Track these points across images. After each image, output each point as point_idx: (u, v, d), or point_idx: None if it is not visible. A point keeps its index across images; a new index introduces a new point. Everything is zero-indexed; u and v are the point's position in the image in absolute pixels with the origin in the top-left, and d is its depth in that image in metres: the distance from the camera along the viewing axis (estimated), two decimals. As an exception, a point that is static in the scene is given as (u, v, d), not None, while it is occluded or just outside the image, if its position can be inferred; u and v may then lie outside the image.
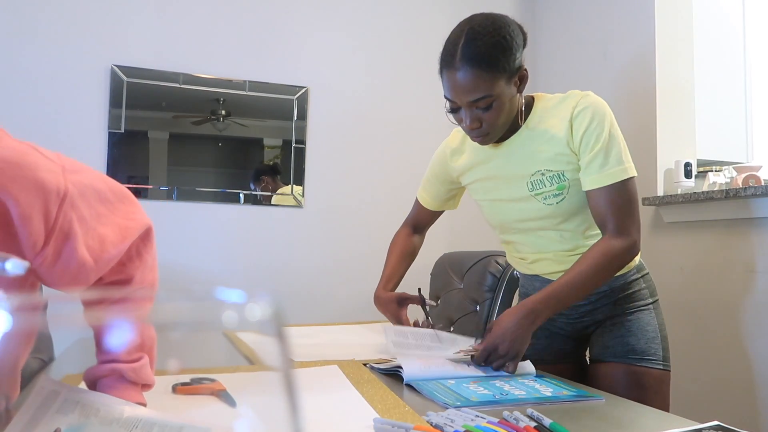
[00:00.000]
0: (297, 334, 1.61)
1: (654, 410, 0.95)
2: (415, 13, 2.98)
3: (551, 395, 0.99)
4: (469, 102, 1.17)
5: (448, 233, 2.92)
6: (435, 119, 2.99)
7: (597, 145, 1.19)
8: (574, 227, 1.28)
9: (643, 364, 1.27)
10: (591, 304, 1.33)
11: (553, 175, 1.23)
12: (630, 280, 1.32)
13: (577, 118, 1.21)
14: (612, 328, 1.32)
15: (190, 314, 0.22)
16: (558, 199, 1.24)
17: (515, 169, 1.27)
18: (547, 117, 1.25)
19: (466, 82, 1.15)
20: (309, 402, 0.90)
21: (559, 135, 1.22)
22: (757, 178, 2.25)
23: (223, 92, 2.68)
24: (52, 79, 2.45)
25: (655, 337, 1.30)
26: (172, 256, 2.58)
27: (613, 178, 1.19)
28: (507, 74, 1.17)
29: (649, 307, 1.33)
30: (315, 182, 2.79)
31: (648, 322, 1.31)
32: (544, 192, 1.25)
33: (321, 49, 2.82)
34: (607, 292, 1.32)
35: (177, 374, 0.21)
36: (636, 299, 1.32)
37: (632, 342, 1.29)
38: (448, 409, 0.86)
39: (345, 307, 2.71)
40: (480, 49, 1.15)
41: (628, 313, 1.32)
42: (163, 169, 2.60)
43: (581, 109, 1.20)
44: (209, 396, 0.77)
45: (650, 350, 1.28)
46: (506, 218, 1.37)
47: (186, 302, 0.23)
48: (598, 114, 1.20)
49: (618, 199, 1.19)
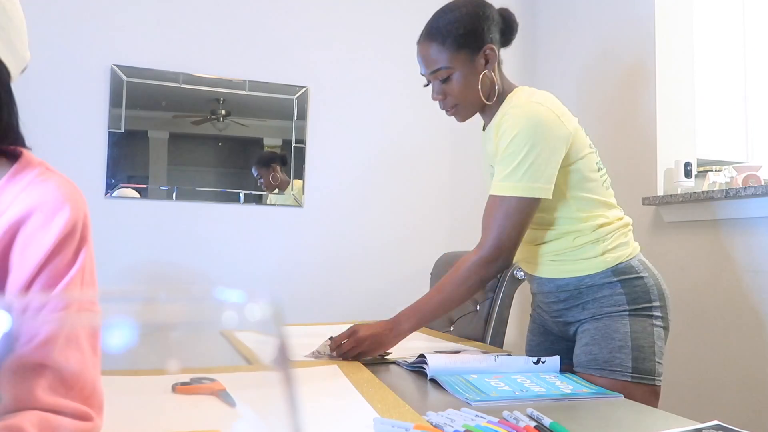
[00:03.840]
0: (297, 333, 1.61)
1: (654, 410, 0.95)
2: (415, 13, 2.98)
3: (571, 392, 1.00)
4: (428, 73, 1.27)
5: (448, 233, 2.92)
6: (435, 119, 2.99)
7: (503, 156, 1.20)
8: (538, 221, 1.27)
9: (605, 375, 1.17)
10: (563, 302, 1.29)
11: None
12: (600, 283, 1.23)
13: (500, 126, 1.23)
14: (581, 335, 1.25)
15: (190, 314, 0.22)
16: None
17: (485, 157, 1.35)
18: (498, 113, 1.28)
19: (425, 54, 1.28)
20: (309, 402, 0.90)
21: (493, 131, 1.26)
22: (757, 177, 2.25)
23: (223, 92, 2.68)
24: (52, 78, 2.45)
25: (623, 347, 1.18)
26: (172, 256, 2.58)
27: (497, 191, 1.21)
28: (468, 50, 1.23)
29: (623, 314, 1.20)
30: (315, 182, 2.79)
31: (616, 329, 1.19)
32: None
33: (321, 49, 2.82)
34: (573, 291, 1.26)
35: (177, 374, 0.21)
36: (606, 304, 1.22)
37: (595, 351, 1.20)
38: (448, 409, 0.86)
39: (345, 307, 2.71)
40: (440, 23, 1.26)
41: (595, 319, 1.23)
42: (163, 169, 2.60)
43: (506, 118, 1.22)
44: (209, 396, 0.77)
45: (614, 360, 1.18)
46: None
47: (186, 302, 0.23)
48: (515, 128, 1.19)
49: (493, 211, 1.21)
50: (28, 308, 0.22)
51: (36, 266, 0.67)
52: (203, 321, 0.22)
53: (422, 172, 2.94)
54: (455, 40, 1.24)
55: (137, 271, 2.51)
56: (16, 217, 0.67)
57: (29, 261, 0.67)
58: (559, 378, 1.10)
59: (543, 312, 1.38)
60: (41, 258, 0.67)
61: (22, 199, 0.68)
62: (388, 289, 2.79)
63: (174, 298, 0.23)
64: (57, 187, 0.70)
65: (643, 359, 1.18)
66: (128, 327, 0.21)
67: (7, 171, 0.71)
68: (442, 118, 3.19)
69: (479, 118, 1.40)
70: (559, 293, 1.29)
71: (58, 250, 0.68)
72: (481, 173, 3.03)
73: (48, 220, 0.68)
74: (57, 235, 0.68)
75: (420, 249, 2.83)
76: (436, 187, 2.96)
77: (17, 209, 0.68)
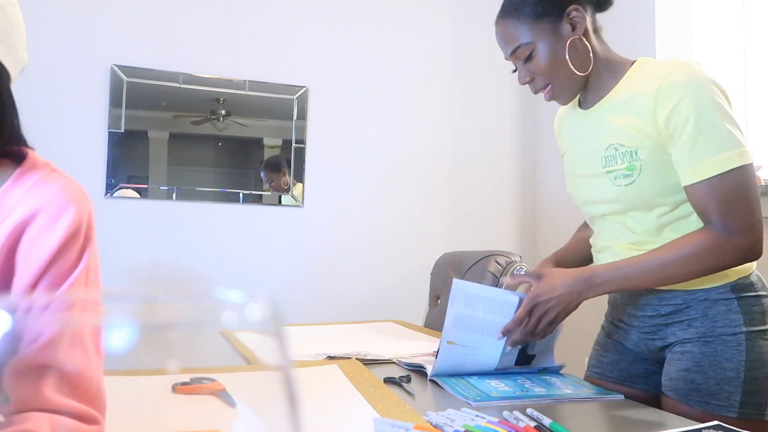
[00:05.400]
0: (297, 333, 1.61)
1: (654, 410, 0.95)
2: (415, 13, 2.98)
3: (572, 393, 1.00)
4: (509, 54, 1.12)
5: (448, 233, 2.92)
6: (435, 119, 2.99)
7: (688, 132, 0.98)
8: (644, 220, 1.07)
9: (708, 410, 1.00)
10: (663, 317, 1.09)
11: (626, 152, 1.05)
12: (715, 299, 1.04)
13: (664, 93, 1.00)
14: (680, 357, 1.06)
15: (190, 314, 0.22)
16: (627, 180, 1.05)
17: (593, 138, 1.12)
18: (635, 83, 1.07)
19: (502, 33, 1.12)
20: (309, 402, 0.90)
21: (641, 107, 1.04)
22: (757, 177, 2.25)
23: (223, 92, 2.68)
24: (52, 78, 2.45)
25: (733, 378, 1.00)
26: (172, 256, 2.58)
27: (713, 170, 0.97)
28: (549, 18, 1.07)
29: (738, 337, 1.02)
30: (315, 182, 2.79)
31: (728, 358, 1.01)
32: (615, 170, 1.07)
33: (321, 49, 2.82)
34: (681, 306, 1.07)
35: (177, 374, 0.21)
36: (720, 324, 1.03)
37: (699, 380, 1.02)
38: (448, 409, 0.86)
39: (345, 306, 2.71)
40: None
41: (703, 342, 1.04)
42: (163, 169, 2.60)
43: (671, 84, 1.00)
44: (209, 396, 0.77)
45: (721, 393, 1.00)
46: (580, 196, 1.20)
47: (186, 302, 0.23)
48: (690, 91, 0.98)
49: (722, 191, 0.97)
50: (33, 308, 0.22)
51: (41, 267, 0.68)
52: (203, 321, 0.22)
53: (422, 172, 2.94)
54: (532, 9, 1.08)
55: (137, 271, 2.51)
56: (21, 218, 0.68)
57: (34, 262, 0.68)
58: (560, 379, 1.10)
59: (628, 326, 1.16)
60: (46, 259, 0.68)
61: (27, 200, 0.69)
62: (388, 289, 2.79)
63: (174, 298, 0.23)
64: (62, 188, 0.71)
65: (755, 392, 1.00)
66: (128, 327, 0.21)
67: (13, 172, 0.71)
68: (442, 117, 3.18)
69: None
70: (660, 306, 1.09)
71: (63, 250, 0.69)
72: (480, 173, 3.04)
73: (53, 221, 0.68)
74: (62, 236, 0.68)
75: (420, 249, 2.83)
76: (436, 187, 2.96)
77: (23, 210, 0.68)
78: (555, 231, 2.78)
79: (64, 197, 0.70)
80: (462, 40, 3.03)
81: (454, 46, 3.02)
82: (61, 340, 0.32)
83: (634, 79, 1.08)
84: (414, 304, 2.53)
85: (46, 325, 0.22)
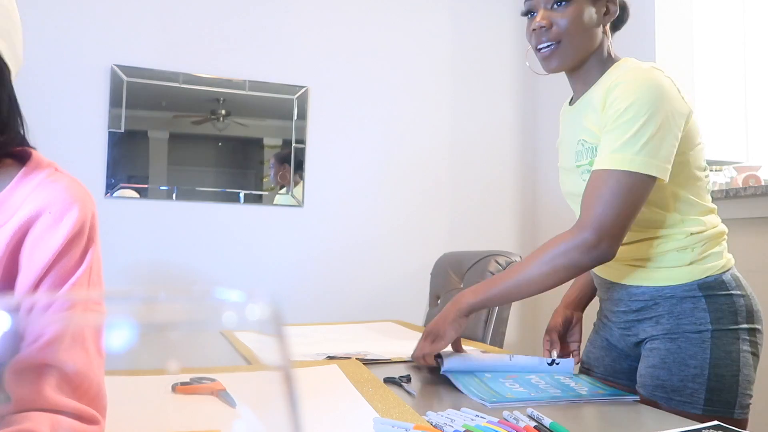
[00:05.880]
0: (297, 333, 1.61)
1: (654, 410, 0.95)
2: (415, 12, 2.98)
3: (586, 393, 0.99)
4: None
5: (448, 233, 2.92)
6: (435, 119, 2.99)
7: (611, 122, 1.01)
8: None
9: (672, 406, 1.01)
10: (635, 312, 1.11)
11: (589, 148, 1.09)
12: (681, 296, 1.06)
13: (611, 90, 1.03)
14: (648, 354, 1.09)
15: (190, 314, 0.22)
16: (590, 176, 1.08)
17: (572, 133, 1.15)
18: (603, 81, 1.10)
19: None
20: (309, 402, 0.90)
21: (597, 104, 1.07)
22: (757, 177, 2.25)
23: (223, 92, 2.68)
24: (52, 78, 2.45)
25: (697, 375, 1.01)
26: (172, 256, 2.58)
27: (606, 164, 1.00)
28: None
29: (703, 335, 1.03)
30: (315, 182, 2.79)
31: (692, 355, 1.02)
32: (582, 165, 1.11)
33: (321, 49, 2.82)
34: (649, 302, 1.09)
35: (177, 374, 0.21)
36: (685, 322, 1.05)
37: (663, 377, 1.04)
38: (448, 409, 0.86)
39: (345, 306, 2.71)
40: None
41: (669, 338, 1.06)
42: (163, 169, 2.60)
43: (620, 82, 1.03)
44: (209, 395, 0.77)
45: (685, 390, 1.02)
46: (562, 188, 1.23)
47: (186, 302, 0.23)
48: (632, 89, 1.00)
49: (599, 186, 1.00)
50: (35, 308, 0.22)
51: (44, 266, 0.68)
52: (203, 321, 0.22)
53: (422, 171, 2.94)
54: None
55: (137, 271, 2.51)
56: (26, 217, 0.68)
57: (38, 261, 0.68)
58: (573, 379, 1.09)
59: (610, 323, 1.19)
60: (50, 258, 0.68)
61: (32, 200, 0.69)
62: (388, 289, 2.79)
63: (174, 298, 0.23)
64: (66, 188, 0.71)
65: (721, 390, 1.01)
66: (128, 327, 0.21)
67: (17, 172, 0.71)
68: (442, 117, 3.18)
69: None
70: (631, 302, 1.12)
71: (66, 250, 0.69)
72: (480, 173, 3.04)
73: (57, 220, 0.69)
74: (65, 236, 0.69)
75: (420, 249, 2.83)
76: (436, 187, 2.96)
77: (27, 210, 0.69)
78: (555, 231, 2.77)
79: (68, 197, 0.70)
80: (462, 40, 3.03)
81: (454, 46, 3.02)
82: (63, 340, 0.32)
83: (607, 78, 1.10)
84: (414, 304, 2.53)
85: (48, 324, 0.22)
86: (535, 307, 2.93)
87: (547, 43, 1.10)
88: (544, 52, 1.11)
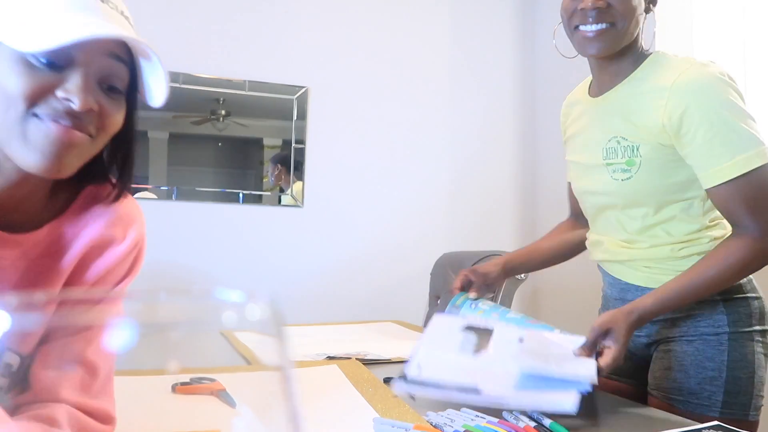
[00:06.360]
0: (298, 333, 1.61)
1: (654, 410, 0.95)
2: (414, 12, 2.98)
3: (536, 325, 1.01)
4: None
5: (448, 233, 2.92)
6: (435, 119, 2.99)
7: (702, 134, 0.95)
8: (638, 217, 1.07)
9: (690, 409, 1.00)
10: None
11: (627, 146, 1.03)
12: (700, 301, 1.04)
13: (676, 93, 0.98)
14: (663, 356, 1.07)
15: (190, 314, 0.22)
16: (625, 176, 1.04)
17: (598, 128, 1.10)
18: (647, 78, 1.04)
19: None
20: (309, 402, 0.90)
21: (649, 103, 1.01)
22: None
23: (223, 92, 2.68)
24: (52, 78, 2.45)
25: (715, 378, 1.00)
26: (172, 256, 2.58)
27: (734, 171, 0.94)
28: None
29: (721, 338, 1.02)
30: (315, 182, 2.79)
31: (710, 357, 1.02)
32: (615, 164, 1.06)
33: (321, 49, 2.82)
34: None
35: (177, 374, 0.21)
36: (703, 324, 1.04)
37: (681, 379, 1.03)
38: (448, 409, 0.86)
39: (345, 306, 2.71)
40: None
41: (686, 341, 1.05)
42: (163, 169, 2.60)
43: (683, 84, 0.97)
44: (209, 396, 0.77)
45: (702, 393, 1.01)
46: (579, 185, 1.18)
47: (186, 302, 0.23)
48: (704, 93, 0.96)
49: (746, 192, 0.95)
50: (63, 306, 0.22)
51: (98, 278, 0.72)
52: (203, 321, 0.22)
53: (422, 172, 2.94)
54: None
55: (137, 271, 2.51)
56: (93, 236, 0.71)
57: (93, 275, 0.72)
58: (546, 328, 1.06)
59: None
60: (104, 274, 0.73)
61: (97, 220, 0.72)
62: (388, 289, 2.79)
63: (174, 298, 0.23)
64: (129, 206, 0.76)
65: (737, 392, 1.00)
66: (128, 327, 0.21)
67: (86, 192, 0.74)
68: (442, 117, 3.18)
69: None
70: None
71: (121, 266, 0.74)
72: (480, 173, 3.04)
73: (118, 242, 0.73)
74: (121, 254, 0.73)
75: (420, 249, 2.83)
76: (436, 187, 2.96)
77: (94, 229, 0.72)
78: (555, 231, 2.77)
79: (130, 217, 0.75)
80: (462, 40, 3.03)
81: (454, 46, 3.02)
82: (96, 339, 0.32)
83: (647, 73, 1.05)
84: (414, 304, 2.53)
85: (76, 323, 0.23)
86: (535, 306, 2.93)
87: (599, 24, 1.01)
88: (590, 33, 1.02)
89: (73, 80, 0.59)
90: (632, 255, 1.09)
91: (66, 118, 0.59)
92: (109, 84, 0.64)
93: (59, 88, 0.59)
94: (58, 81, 0.59)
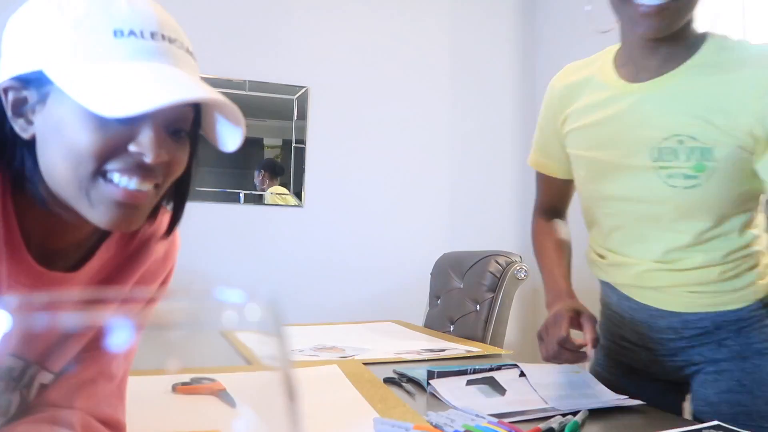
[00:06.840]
0: (298, 333, 1.61)
1: (654, 410, 0.95)
2: (415, 12, 2.98)
3: None
4: None
5: (448, 233, 2.92)
6: (435, 119, 2.99)
7: None
8: (694, 232, 0.91)
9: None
10: (686, 339, 0.97)
11: (695, 148, 0.85)
12: (747, 317, 0.94)
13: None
14: (717, 378, 0.95)
15: (190, 314, 0.22)
16: (689, 183, 0.87)
17: (645, 121, 0.90)
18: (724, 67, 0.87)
19: None
20: (309, 402, 0.90)
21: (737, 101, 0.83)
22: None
23: (223, 92, 2.65)
24: (52, 78, 2.45)
25: None
26: (172, 256, 2.58)
27: None
28: None
29: None
30: (315, 182, 2.79)
31: None
32: (673, 167, 0.87)
33: (321, 49, 2.82)
34: (709, 328, 0.95)
35: (177, 374, 0.21)
36: (756, 340, 0.93)
37: (745, 401, 0.92)
38: (448, 409, 0.86)
39: (345, 307, 2.70)
40: None
41: (740, 359, 0.94)
42: (163, 169, 2.60)
43: None
44: (209, 396, 0.77)
45: None
46: (603, 189, 0.98)
47: (186, 302, 0.23)
48: None
49: None
50: None
51: None
52: (203, 321, 0.22)
53: (422, 171, 2.94)
54: None
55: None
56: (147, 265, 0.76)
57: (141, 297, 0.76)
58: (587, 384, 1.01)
59: (636, 347, 1.04)
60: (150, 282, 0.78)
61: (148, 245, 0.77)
62: (388, 289, 2.79)
63: (174, 298, 0.23)
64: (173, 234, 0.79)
65: None
66: (128, 327, 0.21)
67: None
68: (442, 117, 3.18)
69: None
70: (684, 330, 0.97)
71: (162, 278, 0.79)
72: (481, 173, 3.04)
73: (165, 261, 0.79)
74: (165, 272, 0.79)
75: (420, 249, 2.83)
76: (436, 187, 2.96)
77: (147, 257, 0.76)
78: (555, 231, 2.77)
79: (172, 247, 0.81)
80: (462, 40, 3.03)
81: (454, 46, 3.02)
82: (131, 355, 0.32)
83: (717, 60, 0.87)
84: (414, 304, 2.53)
85: None
86: (535, 306, 2.93)
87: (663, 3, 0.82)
88: (652, 8, 0.83)
89: (145, 133, 0.56)
90: (675, 280, 0.95)
91: (137, 172, 0.57)
92: (175, 128, 0.62)
93: (131, 143, 0.56)
94: (129, 135, 0.56)
